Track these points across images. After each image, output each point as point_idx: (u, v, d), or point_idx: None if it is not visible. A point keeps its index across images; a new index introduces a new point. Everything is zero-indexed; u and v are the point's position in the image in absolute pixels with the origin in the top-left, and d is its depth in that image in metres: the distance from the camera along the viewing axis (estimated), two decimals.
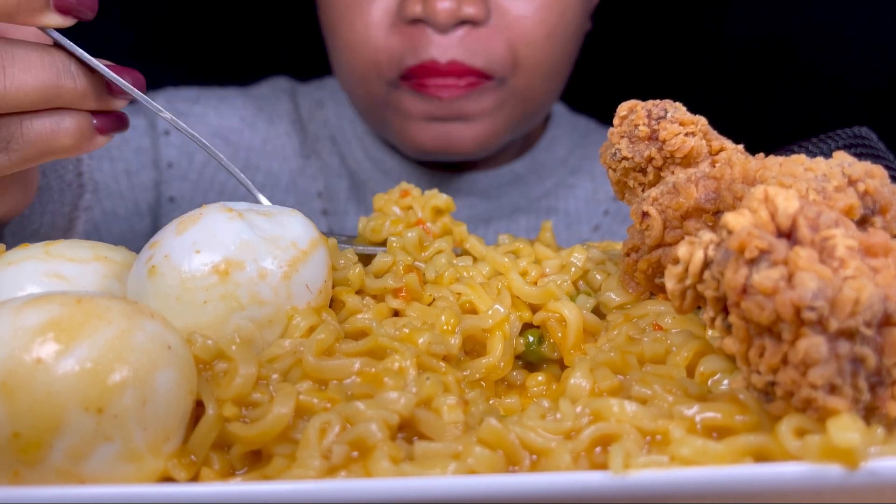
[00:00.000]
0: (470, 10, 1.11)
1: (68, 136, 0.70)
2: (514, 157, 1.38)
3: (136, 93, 0.71)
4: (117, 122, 0.73)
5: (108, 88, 0.71)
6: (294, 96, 1.46)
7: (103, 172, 1.33)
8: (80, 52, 0.68)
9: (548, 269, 0.77)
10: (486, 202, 1.36)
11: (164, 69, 1.70)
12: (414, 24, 1.13)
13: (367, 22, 1.15)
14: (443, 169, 1.35)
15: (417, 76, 1.14)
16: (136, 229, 1.35)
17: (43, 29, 0.68)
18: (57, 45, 0.69)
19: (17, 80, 0.65)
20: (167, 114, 0.74)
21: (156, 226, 1.37)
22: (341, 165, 1.40)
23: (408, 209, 0.84)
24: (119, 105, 0.72)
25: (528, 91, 1.20)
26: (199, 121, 1.38)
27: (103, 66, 0.69)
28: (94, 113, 0.71)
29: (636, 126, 0.72)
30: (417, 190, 0.85)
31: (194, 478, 0.58)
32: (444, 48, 1.12)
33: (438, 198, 0.83)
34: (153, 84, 1.40)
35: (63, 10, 0.66)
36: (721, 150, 0.72)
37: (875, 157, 0.96)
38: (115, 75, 0.70)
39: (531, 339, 0.73)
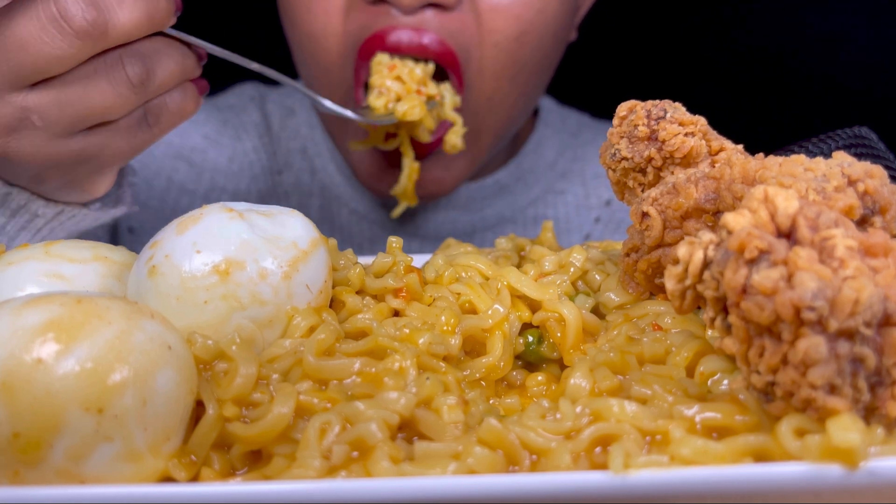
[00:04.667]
0: None
1: (193, 102, 0.86)
2: (497, 165, 1.29)
3: (216, 50, 0.86)
4: (205, 85, 0.88)
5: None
6: (263, 104, 1.36)
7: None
8: (181, 33, 0.83)
9: (547, 265, 0.77)
10: (468, 215, 1.28)
11: None
12: (376, 3, 1.03)
13: (327, 7, 1.05)
14: None
15: (375, 50, 1.05)
16: None
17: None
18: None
19: (166, 70, 0.81)
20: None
21: None
22: (312, 180, 1.30)
23: (397, 79, 1.02)
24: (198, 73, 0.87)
25: (493, 101, 1.10)
26: (158, 142, 1.29)
27: (199, 41, 0.85)
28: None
29: (636, 126, 0.72)
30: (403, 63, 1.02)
31: (194, 478, 0.58)
32: (408, 29, 1.03)
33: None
34: None
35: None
36: (721, 150, 0.72)
37: (875, 157, 0.96)
38: (204, 43, 0.85)
39: (531, 339, 0.73)
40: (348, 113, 0.99)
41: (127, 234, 1.28)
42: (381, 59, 1.03)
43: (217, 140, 1.32)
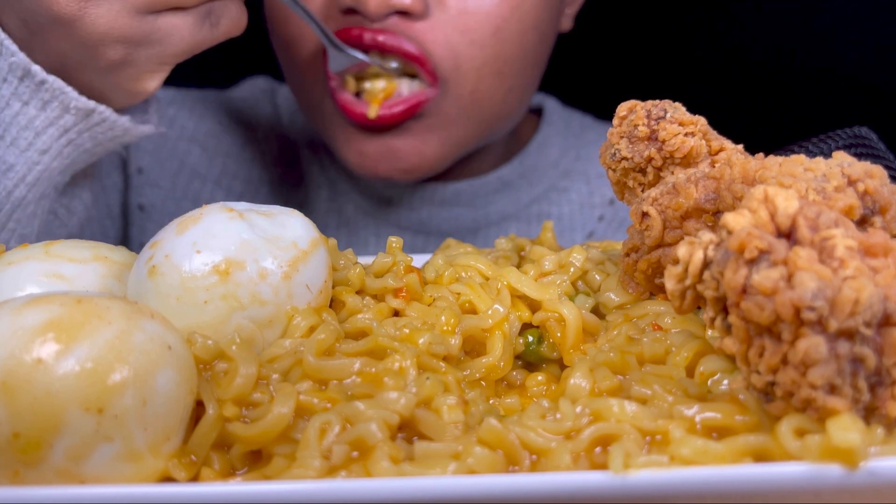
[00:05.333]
0: (405, 0, 1.01)
1: (244, 20, 0.92)
2: (500, 162, 1.28)
3: None
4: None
5: None
6: (274, 97, 1.38)
7: None
8: None
9: (547, 265, 0.77)
10: (471, 212, 1.27)
11: None
12: (348, 14, 1.04)
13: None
14: (425, 180, 1.25)
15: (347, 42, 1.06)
16: (108, 234, 1.27)
17: None
18: None
19: None
20: None
21: (126, 234, 1.30)
22: (320, 174, 1.31)
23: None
24: None
25: (478, 95, 1.08)
26: (171, 124, 1.30)
27: None
28: None
29: (636, 126, 0.72)
30: None
31: (194, 478, 0.58)
32: (374, 31, 1.03)
33: None
34: None
35: None
36: (721, 150, 0.72)
37: (875, 157, 0.96)
38: None
39: (531, 339, 0.73)
40: (358, 54, 1.04)
41: (137, 211, 1.29)
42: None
43: (231, 127, 1.33)
